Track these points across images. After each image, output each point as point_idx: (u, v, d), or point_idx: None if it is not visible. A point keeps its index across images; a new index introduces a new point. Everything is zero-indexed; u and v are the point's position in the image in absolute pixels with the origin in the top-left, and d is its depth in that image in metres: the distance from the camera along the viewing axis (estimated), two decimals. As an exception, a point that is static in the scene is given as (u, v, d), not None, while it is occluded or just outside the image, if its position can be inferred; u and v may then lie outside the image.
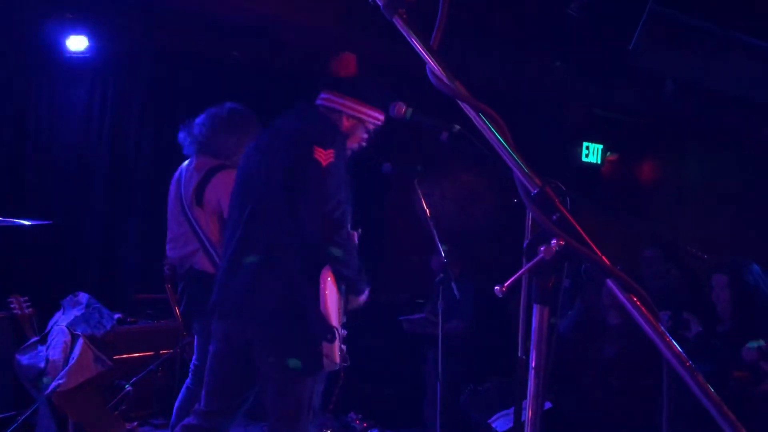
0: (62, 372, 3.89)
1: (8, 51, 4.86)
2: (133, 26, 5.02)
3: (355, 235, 2.63)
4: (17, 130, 4.96)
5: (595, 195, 7.09)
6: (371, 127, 2.71)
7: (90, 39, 4.87)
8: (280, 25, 4.88)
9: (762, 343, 3.34)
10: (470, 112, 1.00)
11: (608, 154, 7.42)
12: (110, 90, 5.30)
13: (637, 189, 7.53)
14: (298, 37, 5.11)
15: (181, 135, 3.42)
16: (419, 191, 3.51)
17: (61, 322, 4.14)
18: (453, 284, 3.83)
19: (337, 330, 2.36)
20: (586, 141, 7.27)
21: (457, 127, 2.66)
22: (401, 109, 2.76)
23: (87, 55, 4.89)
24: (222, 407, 2.55)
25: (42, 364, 3.95)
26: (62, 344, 4.01)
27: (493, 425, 4.01)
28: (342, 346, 2.47)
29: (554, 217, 0.97)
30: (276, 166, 2.41)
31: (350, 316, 2.61)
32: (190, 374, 3.43)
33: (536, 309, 1.03)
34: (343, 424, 4.65)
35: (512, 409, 3.87)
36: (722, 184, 6.79)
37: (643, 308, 0.94)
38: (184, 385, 3.44)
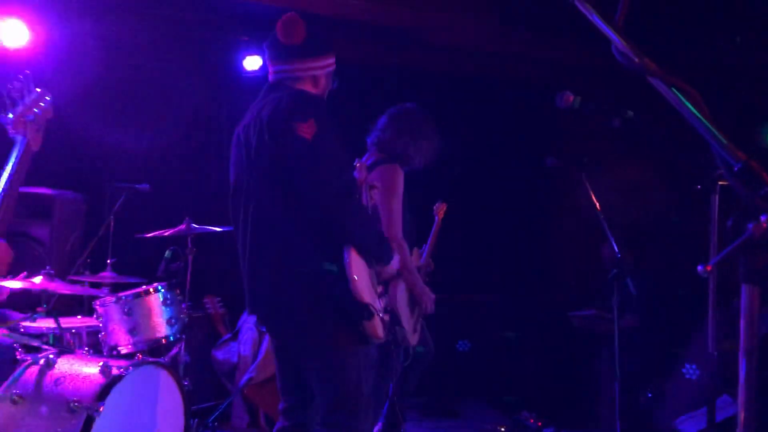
0: (252, 366, 4.23)
1: (194, 71, 5.37)
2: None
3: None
4: (203, 145, 5.47)
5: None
6: (331, 72, 2.58)
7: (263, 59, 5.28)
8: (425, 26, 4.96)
9: None
10: (662, 88, 0.98)
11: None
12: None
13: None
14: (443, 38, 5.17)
15: None
16: (587, 184, 3.40)
17: (249, 320, 4.50)
18: (628, 280, 3.66)
19: (371, 306, 2.23)
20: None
21: (630, 112, 2.55)
22: (569, 98, 2.70)
23: (262, 74, 5.30)
24: (297, 402, 2.48)
25: (235, 359, 4.32)
26: (251, 341, 4.36)
27: (679, 427, 3.77)
28: (383, 316, 2.34)
29: (762, 192, 0.91)
30: (264, 156, 2.31)
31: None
32: None
33: (745, 289, 0.97)
34: (516, 423, 4.60)
35: (702, 410, 3.63)
36: None
37: None
38: None
